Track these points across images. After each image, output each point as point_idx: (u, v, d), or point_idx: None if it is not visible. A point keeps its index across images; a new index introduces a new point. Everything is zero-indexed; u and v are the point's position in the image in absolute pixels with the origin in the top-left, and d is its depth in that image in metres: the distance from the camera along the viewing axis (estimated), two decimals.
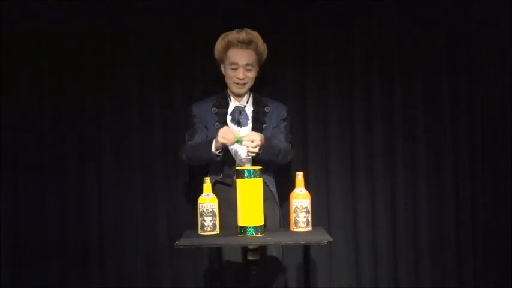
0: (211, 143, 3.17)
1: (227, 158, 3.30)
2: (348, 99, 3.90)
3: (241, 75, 3.32)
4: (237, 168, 2.96)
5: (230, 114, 3.37)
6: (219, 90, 3.60)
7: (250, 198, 2.88)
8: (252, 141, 3.13)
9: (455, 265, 3.91)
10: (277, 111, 3.42)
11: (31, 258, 3.82)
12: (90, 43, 3.84)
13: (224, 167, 3.32)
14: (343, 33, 3.89)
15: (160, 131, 3.87)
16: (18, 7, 3.80)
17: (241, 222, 2.91)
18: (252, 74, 3.36)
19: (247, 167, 2.95)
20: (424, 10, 3.89)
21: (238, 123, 3.35)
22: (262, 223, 2.92)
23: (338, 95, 3.90)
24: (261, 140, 3.14)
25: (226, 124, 3.32)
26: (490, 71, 3.93)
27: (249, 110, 3.40)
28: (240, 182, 2.90)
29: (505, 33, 3.90)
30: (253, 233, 2.88)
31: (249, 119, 3.36)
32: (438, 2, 3.88)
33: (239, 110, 3.36)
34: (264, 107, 3.41)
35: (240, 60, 3.31)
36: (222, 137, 3.12)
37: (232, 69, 3.33)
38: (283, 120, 3.43)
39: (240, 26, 3.43)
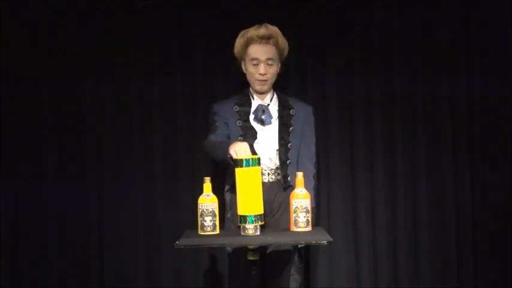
0: (228, 146, 2.99)
1: None
2: (348, 99, 3.90)
3: (262, 71, 3.24)
4: (235, 157, 2.89)
5: (253, 113, 3.29)
6: (220, 89, 3.61)
7: (249, 187, 2.86)
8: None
9: (455, 265, 3.91)
10: (303, 113, 3.33)
11: (31, 258, 3.82)
12: (90, 43, 3.84)
13: None
14: (343, 33, 3.89)
15: (160, 131, 3.87)
16: (18, 7, 3.80)
17: (240, 211, 2.90)
18: (273, 70, 3.28)
19: (246, 156, 2.88)
20: (424, 10, 3.89)
21: (262, 122, 3.28)
22: (261, 212, 2.90)
23: (338, 95, 3.90)
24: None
25: (248, 122, 3.26)
26: (490, 70, 3.92)
27: (273, 108, 3.32)
28: (238, 172, 2.89)
29: (505, 33, 3.90)
30: (253, 221, 2.87)
31: (272, 117, 3.28)
32: (438, 2, 3.88)
33: (262, 109, 3.28)
34: (290, 109, 3.31)
35: (260, 56, 3.23)
36: (234, 150, 2.90)
37: (254, 65, 3.25)
38: (313, 124, 3.35)
39: (240, 26, 3.42)
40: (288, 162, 3.25)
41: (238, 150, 2.89)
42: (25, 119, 3.83)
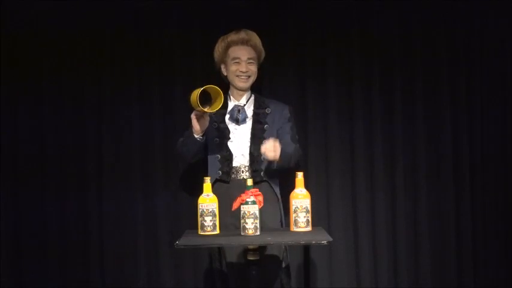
0: (192, 129, 3.26)
1: (225, 155, 3.35)
2: (348, 99, 3.90)
3: (244, 68, 3.40)
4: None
5: (229, 113, 3.42)
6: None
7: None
8: (272, 152, 3.14)
9: (455, 265, 3.91)
10: (279, 112, 3.44)
11: (31, 258, 3.82)
12: (90, 43, 3.84)
13: (223, 165, 3.36)
14: (343, 33, 3.89)
15: (161, 131, 3.87)
16: (18, 7, 3.79)
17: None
18: (254, 68, 3.44)
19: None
20: (424, 10, 3.89)
21: (236, 121, 3.41)
22: None
23: (338, 95, 3.90)
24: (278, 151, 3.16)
25: (224, 123, 3.40)
26: (489, 70, 3.93)
27: (249, 109, 3.44)
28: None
29: (505, 33, 3.90)
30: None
31: (247, 117, 3.40)
32: (438, 1, 3.88)
33: (237, 109, 3.41)
34: (265, 108, 3.43)
35: (242, 55, 3.40)
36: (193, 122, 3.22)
37: (235, 63, 3.41)
38: (288, 120, 3.45)
39: (240, 26, 3.44)
40: (262, 158, 3.31)
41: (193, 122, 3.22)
42: (25, 120, 3.83)
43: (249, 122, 3.41)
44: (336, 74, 3.89)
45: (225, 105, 3.43)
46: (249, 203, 2.91)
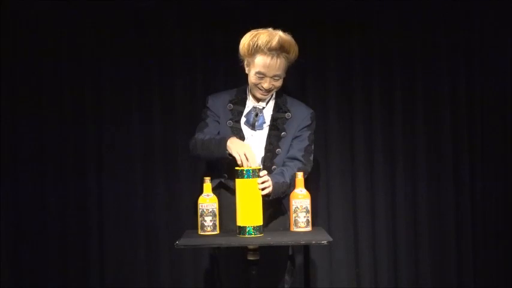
0: (225, 143, 2.96)
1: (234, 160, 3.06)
2: (347, 100, 3.91)
3: (267, 86, 3.02)
4: (236, 168, 2.89)
5: (245, 116, 3.12)
6: (220, 88, 3.60)
7: (249, 197, 2.86)
8: (263, 188, 2.91)
9: (455, 265, 3.91)
10: (300, 118, 3.13)
11: (31, 258, 3.82)
12: (90, 42, 3.84)
13: (229, 168, 3.05)
14: (343, 33, 3.89)
15: (161, 130, 3.87)
16: (18, 7, 3.79)
17: (240, 222, 2.90)
18: (279, 83, 3.05)
19: (247, 167, 2.90)
20: (424, 10, 3.89)
21: (253, 126, 3.11)
22: (261, 223, 2.89)
23: (338, 95, 3.90)
24: (272, 186, 2.93)
25: (239, 124, 3.10)
26: (490, 70, 3.92)
27: (268, 112, 3.13)
28: (238, 182, 2.89)
29: (505, 33, 3.90)
30: (252, 233, 2.87)
31: (265, 123, 3.11)
32: (438, 1, 3.88)
33: (256, 112, 3.11)
34: (285, 112, 3.12)
35: (268, 72, 2.99)
36: (237, 152, 2.91)
37: (259, 77, 3.01)
38: (307, 128, 3.15)
39: (239, 26, 3.38)
40: (272, 168, 3.08)
41: (241, 152, 2.90)
42: (25, 119, 3.83)
43: (266, 129, 3.11)
44: (336, 74, 3.89)
45: (244, 102, 3.14)
46: None
